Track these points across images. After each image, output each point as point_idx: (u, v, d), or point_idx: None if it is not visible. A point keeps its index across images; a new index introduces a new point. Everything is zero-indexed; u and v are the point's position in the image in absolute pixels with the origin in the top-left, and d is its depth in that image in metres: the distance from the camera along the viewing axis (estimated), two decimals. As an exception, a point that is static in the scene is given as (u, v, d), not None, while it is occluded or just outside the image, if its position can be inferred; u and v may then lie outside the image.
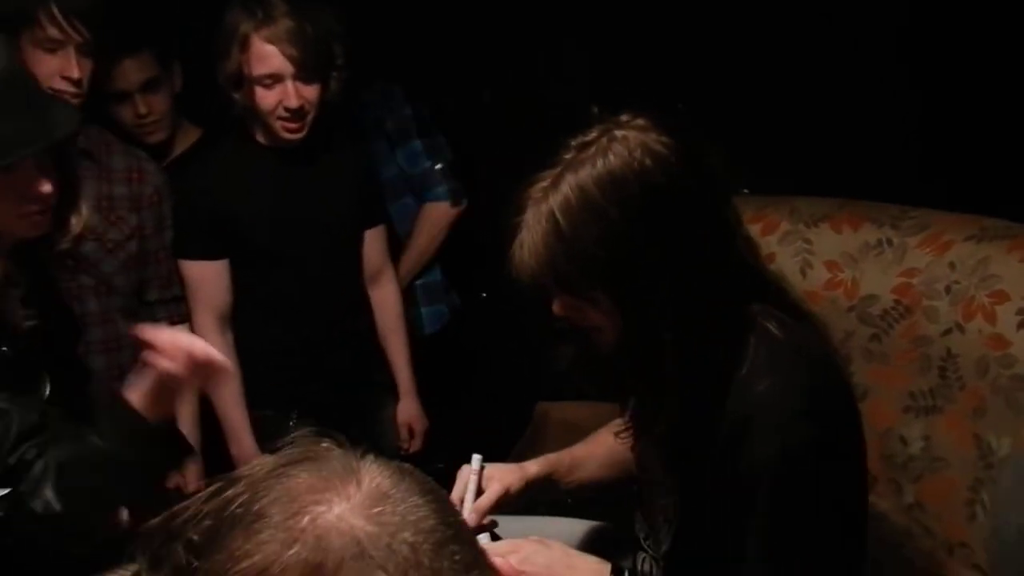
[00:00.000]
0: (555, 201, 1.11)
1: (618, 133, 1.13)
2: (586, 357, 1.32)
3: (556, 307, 1.22)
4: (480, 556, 0.56)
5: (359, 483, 0.54)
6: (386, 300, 2.20)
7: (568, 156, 1.14)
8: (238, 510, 0.52)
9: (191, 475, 1.98)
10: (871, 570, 1.46)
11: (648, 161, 1.10)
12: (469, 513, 1.33)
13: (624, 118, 1.15)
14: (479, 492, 1.36)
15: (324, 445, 0.57)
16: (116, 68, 1.99)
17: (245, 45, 1.83)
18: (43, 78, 1.56)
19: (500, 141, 2.45)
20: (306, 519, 0.51)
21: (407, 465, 0.60)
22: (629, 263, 1.11)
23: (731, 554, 1.17)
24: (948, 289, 1.59)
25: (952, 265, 1.60)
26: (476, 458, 1.38)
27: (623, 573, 1.20)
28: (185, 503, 0.55)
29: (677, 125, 1.15)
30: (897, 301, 1.65)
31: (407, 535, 0.52)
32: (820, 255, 1.77)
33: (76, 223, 1.41)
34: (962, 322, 1.56)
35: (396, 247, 2.33)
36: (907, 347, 1.64)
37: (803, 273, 1.77)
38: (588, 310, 1.18)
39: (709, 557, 1.22)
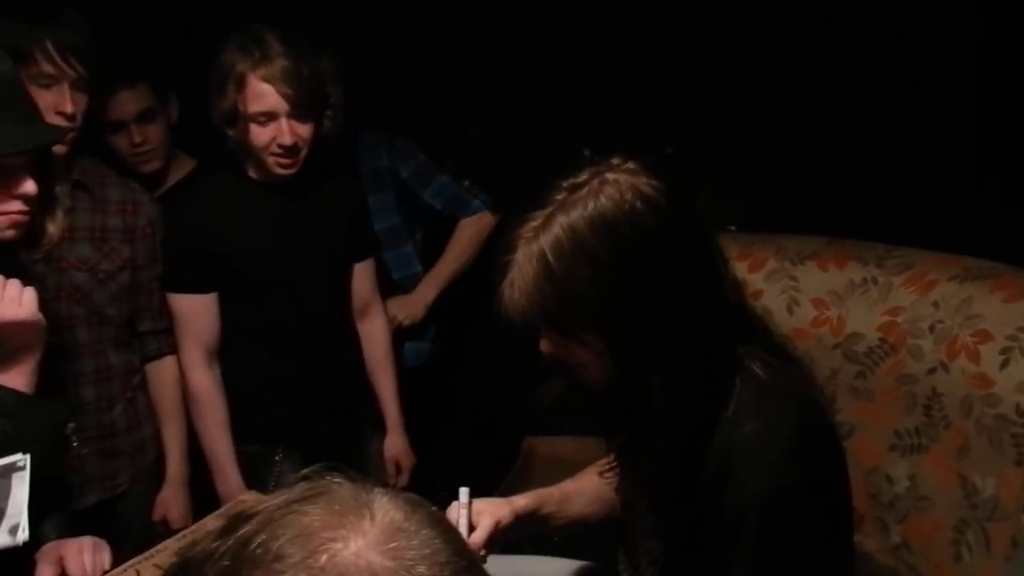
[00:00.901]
0: (546, 241, 1.12)
1: (609, 176, 1.14)
2: (572, 394, 1.32)
3: (544, 346, 1.22)
4: None
5: (372, 517, 0.54)
6: (374, 334, 2.20)
7: (559, 197, 1.15)
8: (257, 550, 0.53)
9: (175, 508, 1.96)
10: (858, 610, 1.45)
11: (639, 204, 1.12)
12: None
13: (615, 161, 1.17)
14: (470, 527, 1.35)
15: (334, 479, 0.57)
16: (113, 99, 2.02)
17: (241, 84, 1.85)
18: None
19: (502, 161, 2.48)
20: (324, 557, 0.52)
21: (415, 496, 0.60)
22: (619, 304, 1.11)
23: None
24: (932, 328, 1.61)
25: (936, 304, 1.61)
26: (464, 491, 1.37)
27: None
28: (196, 541, 0.55)
29: (666, 168, 1.16)
30: (882, 339, 1.67)
31: (423, 569, 0.52)
32: (806, 292, 1.78)
33: (53, 230, 1.46)
34: (946, 361, 1.57)
35: (391, 292, 2.35)
36: (892, 385, 1.65)
37: (789, 310, 1.79)
38: (576, 349, 1.18)
39: None
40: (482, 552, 1.33)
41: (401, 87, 2.50)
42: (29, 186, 1.37)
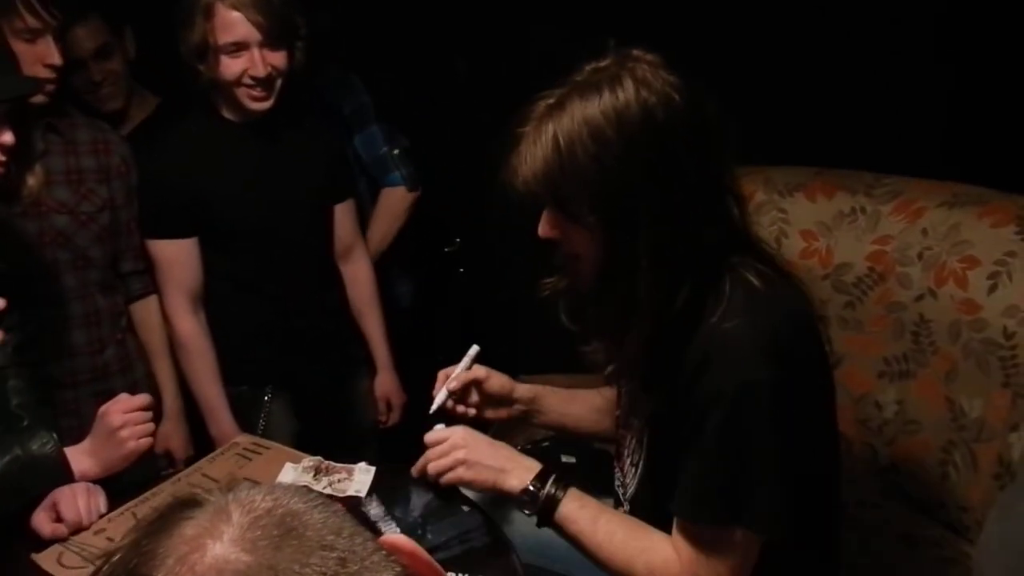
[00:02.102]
0: (559, 125, 1.15)
1: (630, 65, 1.16)
2: (567, 292, 1.34)
3: (543, 228, 1.25)
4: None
5: (229, 517, 0.53)
6: (359, 275, 2.19)
7: (579, 78, 1.18)
8: None
9: (175, 441, 2.02)
10: (848, 531, 1.49)
11: (654, 98, 1.14)
12: (451, 380, 1.52)
13: (636, 53, 1.18)
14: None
15: (196, 495, 0.55)
16: (68, 36, 1.93)
17: (210, 14, 1.80)
18: (23, 67, 1.55)
19: (472, 118, 2.44)
20: (185, 568, 0.50)
21: (283, 485, 0.60)
22: (622, 190, 1.14)
23: None
24: (920, 255, 1.61)
25: (924, 231, 1.62)
26: (474, 348, 1.55)
27: (551, 472, 1.32)
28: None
29: (686, 68, 1.18)
30: (871, 268, 1.68)
31: (288, 552, 0.51)
32: (795, 224, 1.79)
33: (33, 183, 1.45)
34: (934, 288, 1.58)
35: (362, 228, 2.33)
36: (881, 313, 1.66)
37: (778, 242, 1.79)
38: (571, 231, 1.21)
39: (669, 494, 1.22)
40: (453, 386, 1.51)
41: (356, 71, 2.43)
42: (7, 137, 1.36)
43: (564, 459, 1.82)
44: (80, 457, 1.46)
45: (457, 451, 1.38)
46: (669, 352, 1.19)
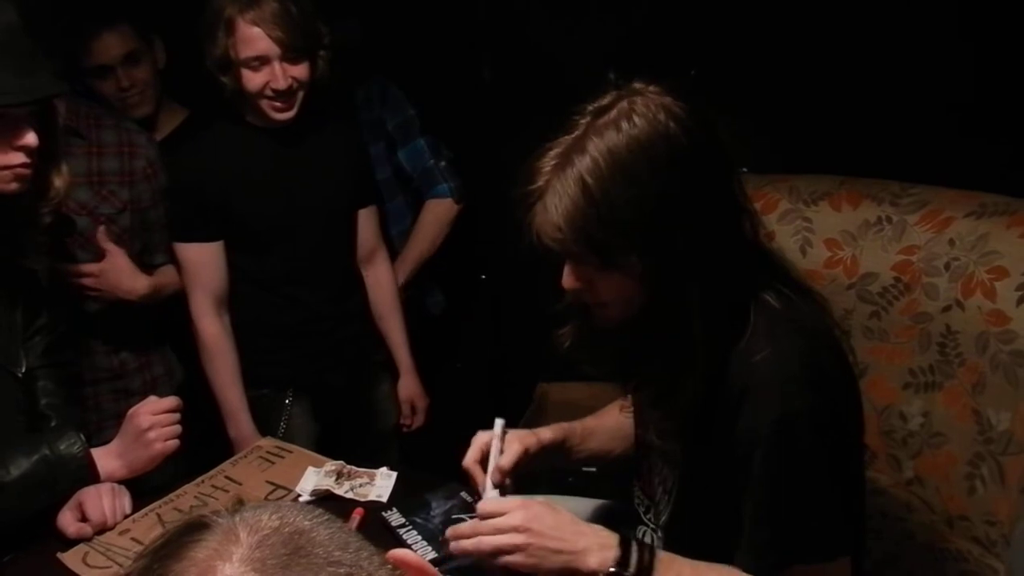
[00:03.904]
0: (583, 165, 1.11)
1: (636, 98, 1.14)
2: (587, 337, 1.32)
3: (567, 279, 1.21)
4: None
5: (237, 538, 0.53)
6: (381, 279, 2.20)
7: (585, 121, 1.15)
8: None
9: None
10: (872, 543, 1.47)
11: (672, 124, 1.12)
12: (492, 472, 1.33)
13: (638, 85, 1.16)
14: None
15: (204, 517, 0.56)
16: (96, 42, 2.00)
17: (231, 28, 1.83)
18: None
19: (502, 130, 2.45)
20: None
21: (286, 504, 0.60)
22: (659, 224, 1.11)
23: (728, 521, 1.19)
24: (947, 266, 1.60)
25: (952, 242, 1.60)
26: (499, 422, 1.39)
27: (630, 543, 1.18)
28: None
29: (689, 93, 1.16)
30: (897, 278, 1.66)
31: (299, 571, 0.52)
32: (820, 233, 1.77)
33: (60, 183, 1.45)
34: (962, 299, 1.57)
35: (388, 247, 2.33)
36: (907, 324, 1.65)
37: (803, 252, 1.77)
38: (603, 280, 1.18)
39: (707, 525, 1.22)
40: (507, 481, 1.36)
41: (397, 83, 2.44)
42: (31, 138, 1.37)
43: (585, 469, 1.81)
44: (107, 458, 1.48)
45: (517, 535, 1.17)
46: (709, 385, 1.17)
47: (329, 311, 2.07)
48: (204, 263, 1.97)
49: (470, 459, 1.36)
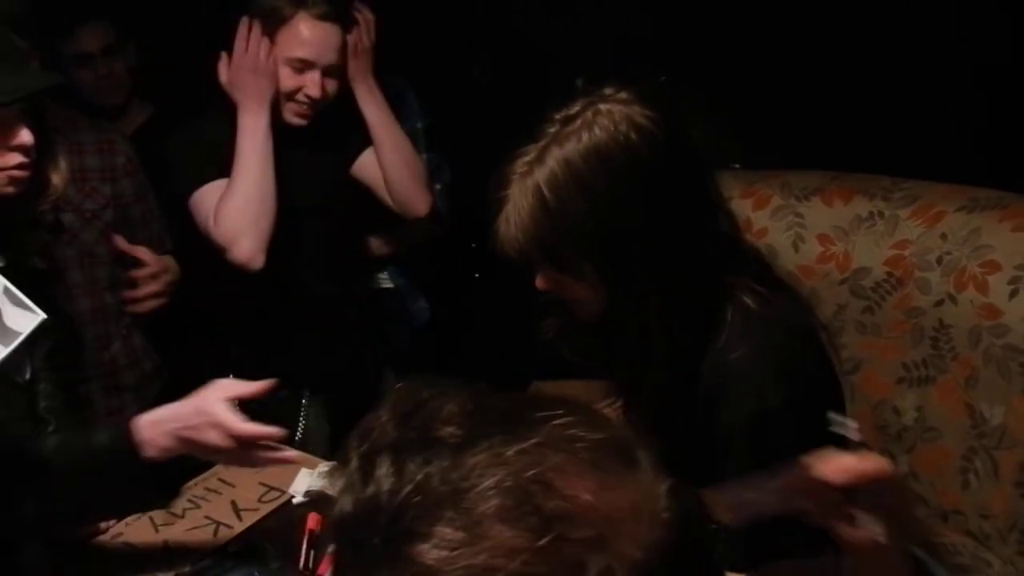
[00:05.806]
0: (541, 175, 1.11)
1: (602, 107, 1.12)
2: (569, 329, 1.32)
3: (539, 281, 1.22)
4: None
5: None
6: None
7: (552, 130, 1.14)
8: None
9: None
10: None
11: (633, 134, 1.10)
12: None
13: (607, 91, 1.15)
14: None
15: None
16: (80, 33, 2.18)
17: (285, 22, 1.80)
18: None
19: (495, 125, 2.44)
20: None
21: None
22: (615, 235, 1.11)
23: None
24: (940, 260, 1.60)
25: (944, 236, 1.60)
26: None
27: None
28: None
29: (660, 99, 1.15)
30: (889, 273, 1.66)
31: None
32: (812, 229, 1.77)
33: (58, 181, 1.42)
34: (954, 293, 1.57)
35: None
36: (900, 319, 1.65)
37: (795, 247, 1.77)
38: (571, 283, 1.18)
39: None
40: None
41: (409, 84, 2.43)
42: (25, 136, 1.32)
43: None
44: (152, 426, 1.26)
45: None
46: (683, 385, 1.17)
47: (340, 308, 2.07)
48: None
49: None
